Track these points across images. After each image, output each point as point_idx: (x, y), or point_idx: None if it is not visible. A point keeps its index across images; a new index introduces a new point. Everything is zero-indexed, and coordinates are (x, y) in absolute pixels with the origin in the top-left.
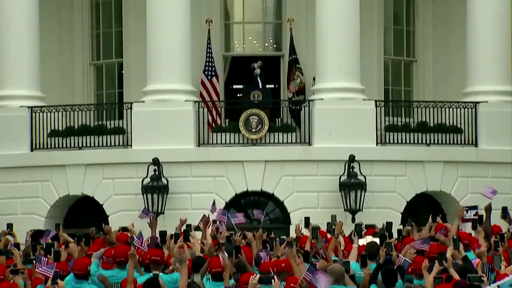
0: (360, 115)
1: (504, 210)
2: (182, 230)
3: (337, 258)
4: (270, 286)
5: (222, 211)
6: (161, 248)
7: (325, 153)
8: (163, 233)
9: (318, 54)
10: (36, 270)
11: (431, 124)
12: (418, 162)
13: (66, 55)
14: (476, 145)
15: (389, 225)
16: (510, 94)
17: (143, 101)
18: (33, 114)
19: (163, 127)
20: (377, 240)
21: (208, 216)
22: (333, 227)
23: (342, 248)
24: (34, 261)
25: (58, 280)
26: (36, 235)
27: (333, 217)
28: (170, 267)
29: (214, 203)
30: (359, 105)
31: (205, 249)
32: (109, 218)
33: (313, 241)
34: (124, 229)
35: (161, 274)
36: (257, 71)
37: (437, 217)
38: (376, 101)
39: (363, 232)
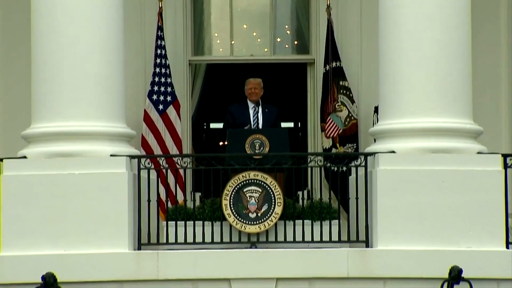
0: (474, 184)
1: None
2: None
3: None
4: None
5: None
6: None
7: (400, 263)
8: None
9: (383, 62)
10: None
11: None
12: None
13: None
14: None
15: None
16: None
17: (24, 157)
18: None
19: (64, 210)
20: None
21: None
22: None
23: None
24: None
25: None
26: None
27: None
28: None
29: None
30: (472, 165)
31: None
32: None
33: None
34: None
35: None
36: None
37: None
38: (505, 156)
39: None
